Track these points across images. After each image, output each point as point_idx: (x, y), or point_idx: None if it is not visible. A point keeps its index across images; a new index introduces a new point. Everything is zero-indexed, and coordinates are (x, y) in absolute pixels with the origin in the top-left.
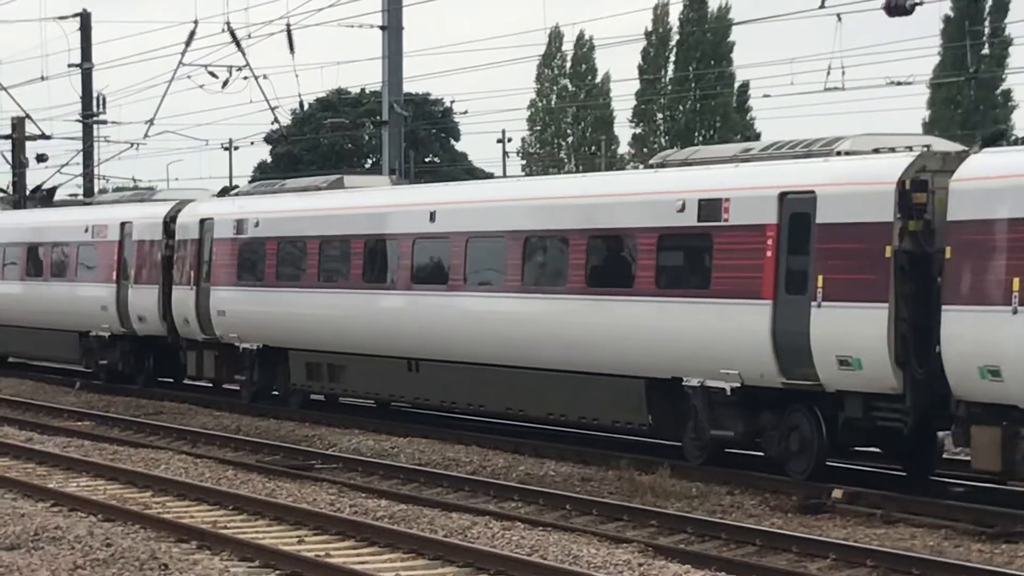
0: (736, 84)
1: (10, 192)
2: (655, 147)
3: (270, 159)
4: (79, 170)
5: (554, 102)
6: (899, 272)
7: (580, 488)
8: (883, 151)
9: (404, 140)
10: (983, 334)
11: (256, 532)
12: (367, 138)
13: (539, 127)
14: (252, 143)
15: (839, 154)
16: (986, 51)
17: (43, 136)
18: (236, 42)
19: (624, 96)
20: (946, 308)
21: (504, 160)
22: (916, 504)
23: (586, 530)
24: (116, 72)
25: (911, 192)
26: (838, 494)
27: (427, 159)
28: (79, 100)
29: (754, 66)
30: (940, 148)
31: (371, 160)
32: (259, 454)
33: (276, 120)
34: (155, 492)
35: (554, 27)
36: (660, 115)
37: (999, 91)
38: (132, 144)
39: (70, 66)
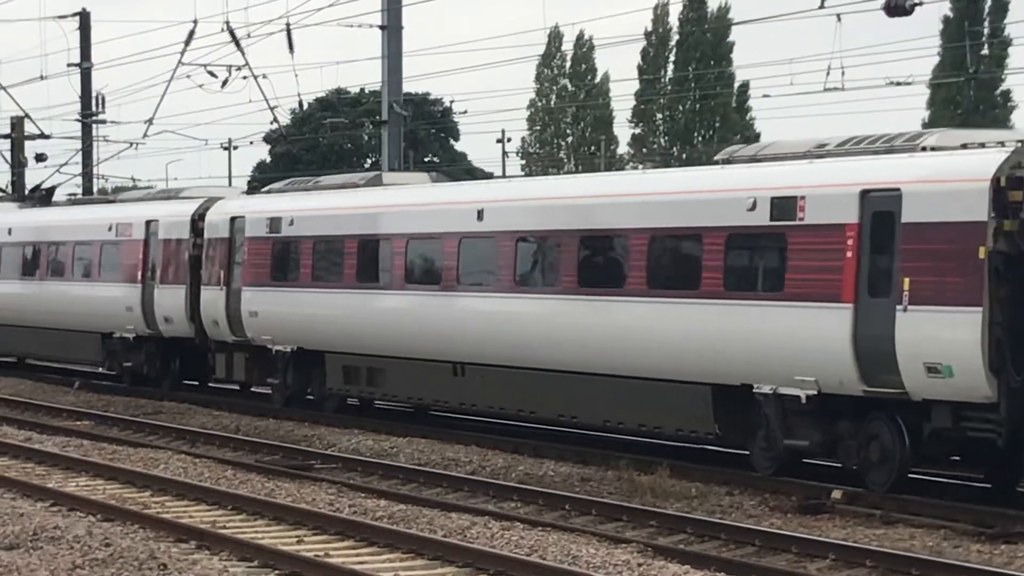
0: (736, 84)
1: (9, 191)
2: (654, 147)
3: (269, 159)
4: (78, 170)
5: (554, 102)
6: (993, 274)
7: (579, 488)
8: (972, 146)
9: (403, 140)
10: None
11: (255, 532)
12: (366, 138)
13: (539, 127)
14: (251, 143)
15: (924, 149)
16: (985, 51)
17: (42, 135)
18: (235, 41)
19: (624, 96)
20: None
21: (504, 160)
22: (915, 504)
23: (585, 530)
24: (115, 72)
25: (1006, 190)
26: (837, 494)
27: (426, 159)
28: (78, 99)
29: (754, 66)
30: None
31: (370, 160)
32: (258, 454)
33: (275, 120)
34: (154, 492)
35: (554, 27)
36: (660, 115)
37: (999, 91)
38: (131, 144)
39: (69, 65)
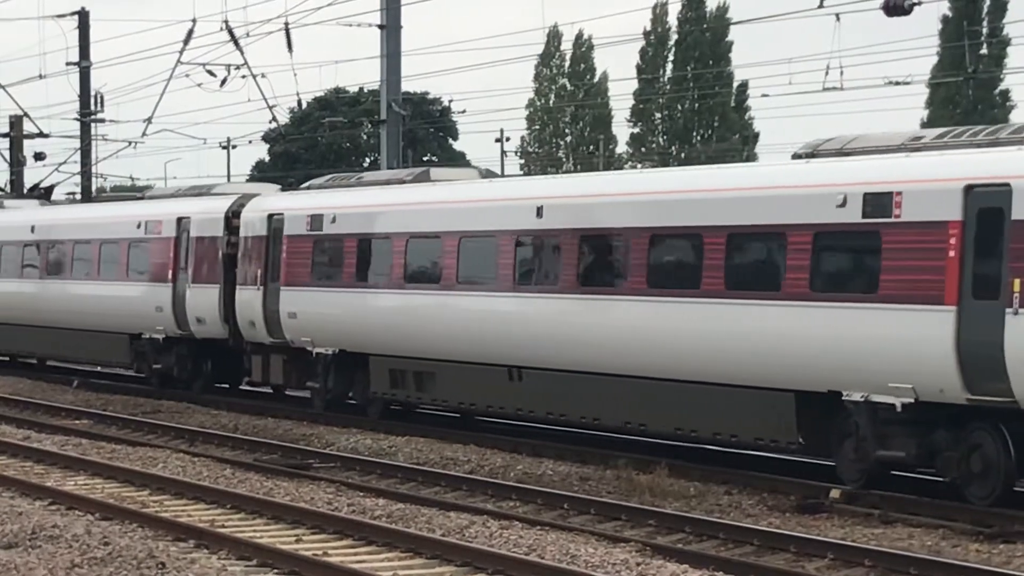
0: (734, 84)
1: (7, 190)
2: (653, 147)
3: (268, 158)
4: (77, 168)
5: (552, 101)
6: None
7: (578, 487)
8: None
9: (402, 139)
10: None
11: (254, 531)
12: (365, 137)
13: (537, 126)
14: (250, 142)
15: None
16: (984, 51)
17: (41, 134)
18: (234, 41)
19: (622, 96)
20: None
21: (502, 159)
22: (914, 504)
23: (584, 529)
24: (114, 70)
25: None
26: (836, 494)
27: (425, 158)
28: (77, 98)
29: (752, 66)
30: None
31: (369, 159)
32: (257, 453)
33: (274, 119)
34: (153, 491)
35: (552, 26)
36: (658, 115)
37: (997, 91)
38: (130, 143)
39: (68, 64)
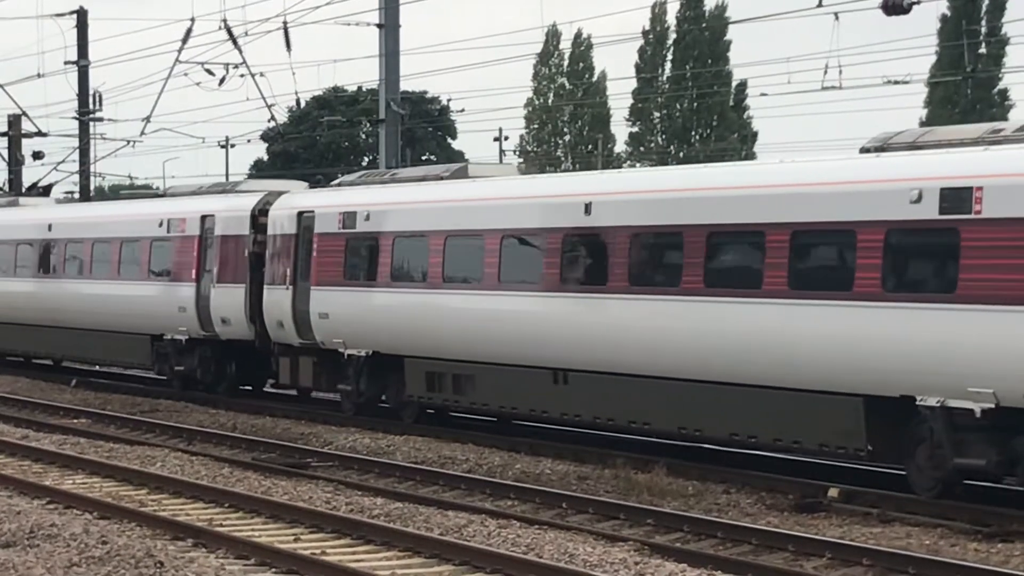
0: (733, 83)
1: (6, 189)
2: (651, 146)
3: (266, 157)
4: (75, 167)
5: (551, 100)
6: None
7: (576, 486)
8: None
9: (401, 138)
10: None
11: (252, 530)
12: (364, 136)
13: (536, 125)
14: (248, 141)
15: None
16: (983, 50)
17: (39, 133)
18: (233, 40)
19: (621, 95)
20: None
21: (501, 158)
22: (912, 503)
23: (582, 528)
24: (113, 69)
25: None
26: (834, 493)
27: (424, 157)
28: (75, 97)
29: (751, 65)
30: None
31: (368, 158)
32: (255, 452)
33: (273, 118)
34: (151, 490)
35: (551, 25)
36: (657, 114)
37: (996, 90)
38: (128, 142)
39: (67, 63)
